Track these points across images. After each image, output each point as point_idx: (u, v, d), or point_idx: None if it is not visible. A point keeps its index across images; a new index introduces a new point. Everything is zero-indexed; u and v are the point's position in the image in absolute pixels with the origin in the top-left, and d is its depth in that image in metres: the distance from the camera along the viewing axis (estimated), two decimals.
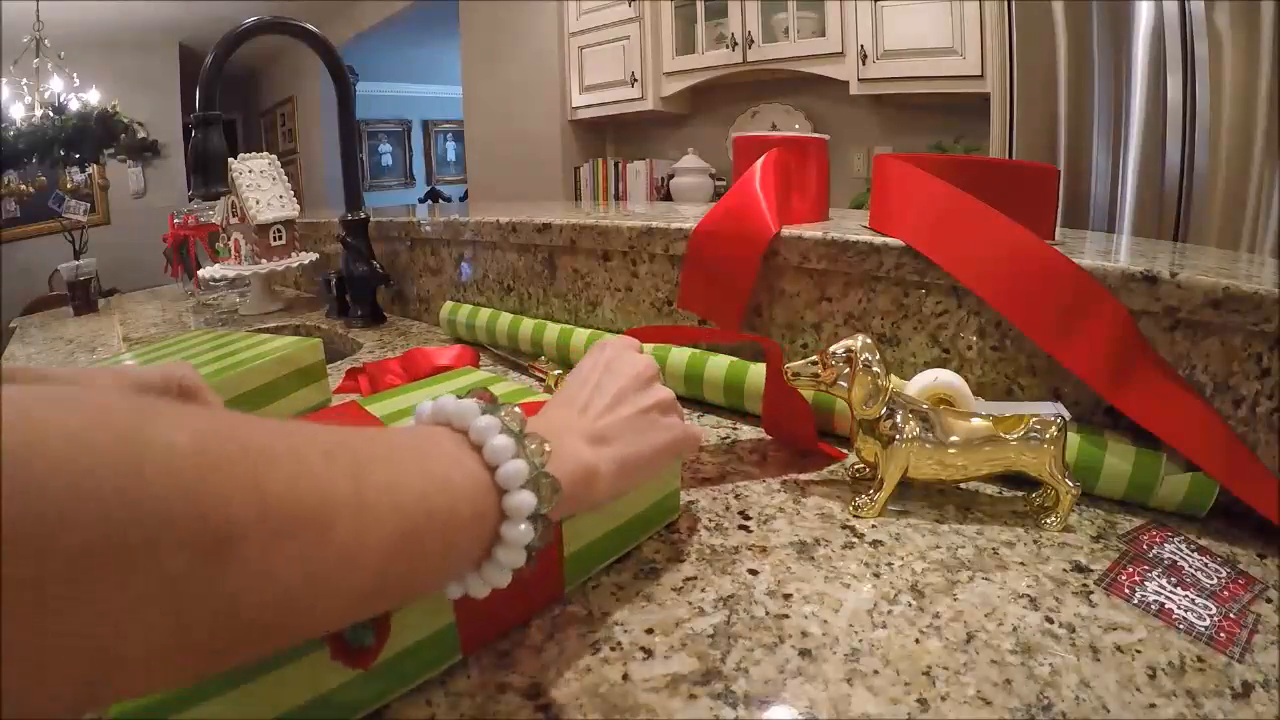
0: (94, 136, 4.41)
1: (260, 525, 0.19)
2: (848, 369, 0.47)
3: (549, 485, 0.28)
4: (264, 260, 1.18)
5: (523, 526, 0.27)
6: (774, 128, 2.83)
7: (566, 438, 0.33)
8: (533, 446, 0.28)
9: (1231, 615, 0.38)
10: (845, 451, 0.57)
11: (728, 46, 2.65)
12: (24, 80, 3.97)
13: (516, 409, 0.30)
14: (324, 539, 0.21)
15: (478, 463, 0.27)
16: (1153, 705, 0.32)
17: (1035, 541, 0.45)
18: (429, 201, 6.03)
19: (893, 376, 0.50)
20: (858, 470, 0.55)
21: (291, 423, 0.24)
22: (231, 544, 0.18)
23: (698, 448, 0.40)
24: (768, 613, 0.38)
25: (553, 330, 0.83)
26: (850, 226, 0.67)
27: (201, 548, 0.17)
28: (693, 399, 0.70)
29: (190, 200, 1.53)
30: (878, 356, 0.47)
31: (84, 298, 1.38)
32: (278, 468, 0.20)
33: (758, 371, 0.65)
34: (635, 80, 2.93)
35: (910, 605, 0.38)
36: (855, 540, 0.45)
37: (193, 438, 0.18)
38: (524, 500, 0.27)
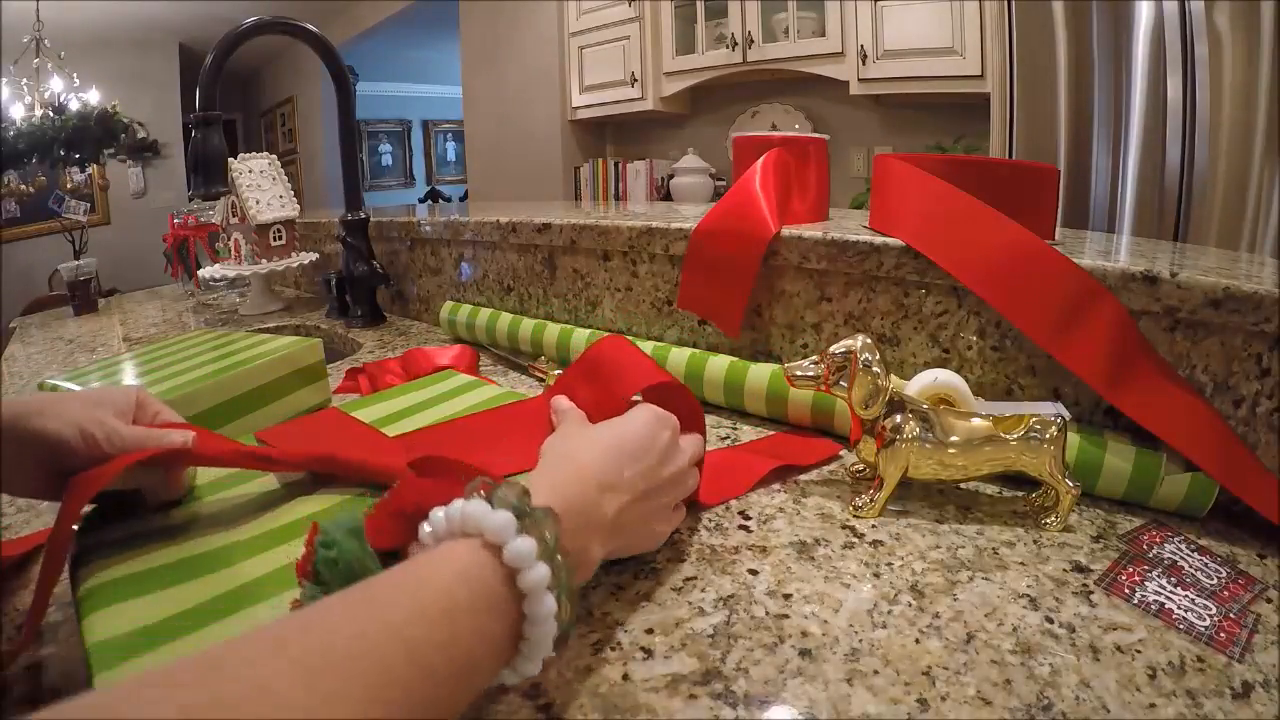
0: (94, 136, 4.41)
1: None
2: (848, 369, 0.47)
3: (568, 618, 0.29)
4: (264, 260, 1.18)
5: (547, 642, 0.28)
6: (774, 128, 2.83)
7: (591, 545, 0.34)
8: (566, 584, 0.28)
9: (1231, 615, 0.38)
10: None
11: (728, 46, 2.65)
12: (24, 80, 3.98)
13: (558, 546, 0.29)
14: None
15: (508, 600, 0.27)
16: (1153, 705, 0.32)
17: (1035, 541, 0.45)
18: (429, 201, 6.03)
19: (893, 376, 0.50)
20: (858, 470, 0.55)
21: (322, 673, 0.21)
22: None
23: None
24: (768, 613, 0.38)
25: (553, 330, 0.83)
26: (850, 226, 0.67)
27: None
28: None
29: (190, 200, 1.53)
30: (878, 356, 0.47)
31: (84, 298, 1.38)
32: None
33: (758, 371, 0.65)
34: (635, 80, 2.93)
35: (910, 605, 0.38)
36: (855, 540, 0.45)
37: None
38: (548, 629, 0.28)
